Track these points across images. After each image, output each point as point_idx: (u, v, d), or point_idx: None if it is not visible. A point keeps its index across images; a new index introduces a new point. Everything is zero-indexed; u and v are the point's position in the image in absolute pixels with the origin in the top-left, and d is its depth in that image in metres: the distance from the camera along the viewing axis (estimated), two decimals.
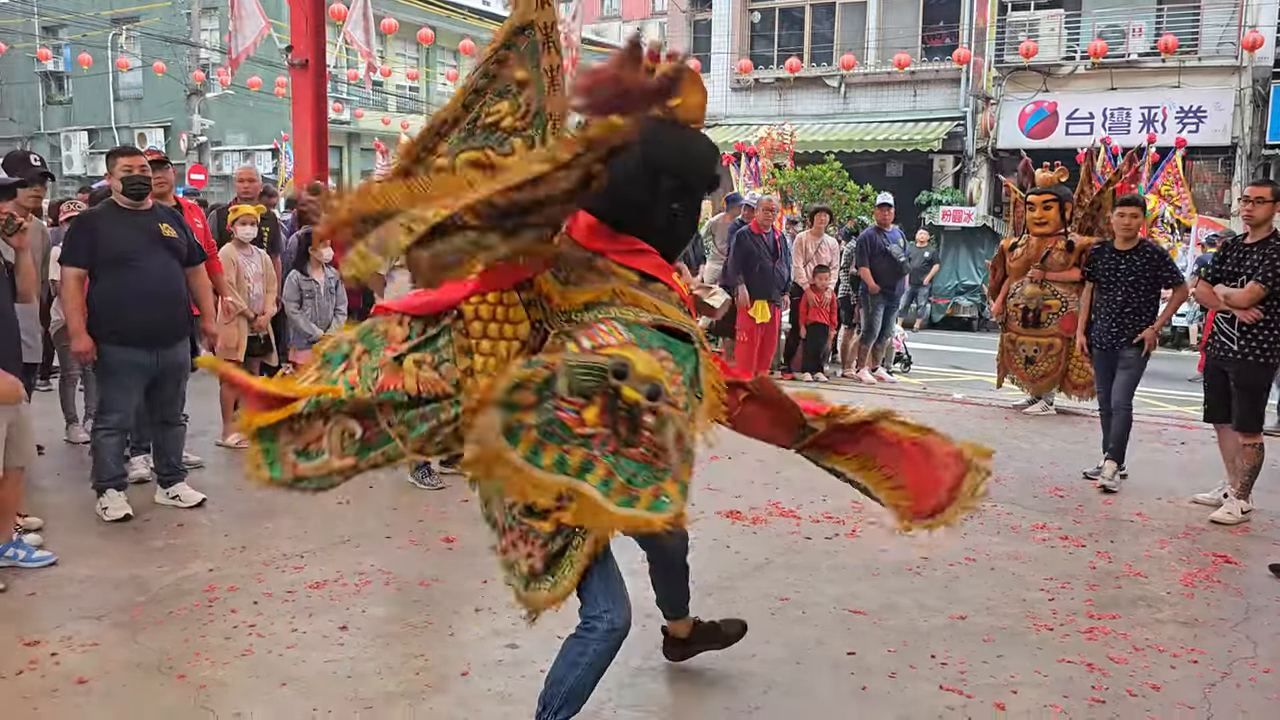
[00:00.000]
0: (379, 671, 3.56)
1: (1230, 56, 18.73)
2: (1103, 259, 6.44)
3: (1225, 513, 5.56)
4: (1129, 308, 6.27)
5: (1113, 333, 6.32)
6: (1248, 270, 5.46)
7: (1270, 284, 5.36)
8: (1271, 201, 5.54)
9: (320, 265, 7.10)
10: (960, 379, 11.29)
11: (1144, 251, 6.30)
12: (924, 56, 21.25)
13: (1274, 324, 5.43)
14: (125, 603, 4.14)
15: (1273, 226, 5.63)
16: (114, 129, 29.09)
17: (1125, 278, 6.28)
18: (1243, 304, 5.42)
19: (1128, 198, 6.63)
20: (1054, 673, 3.66)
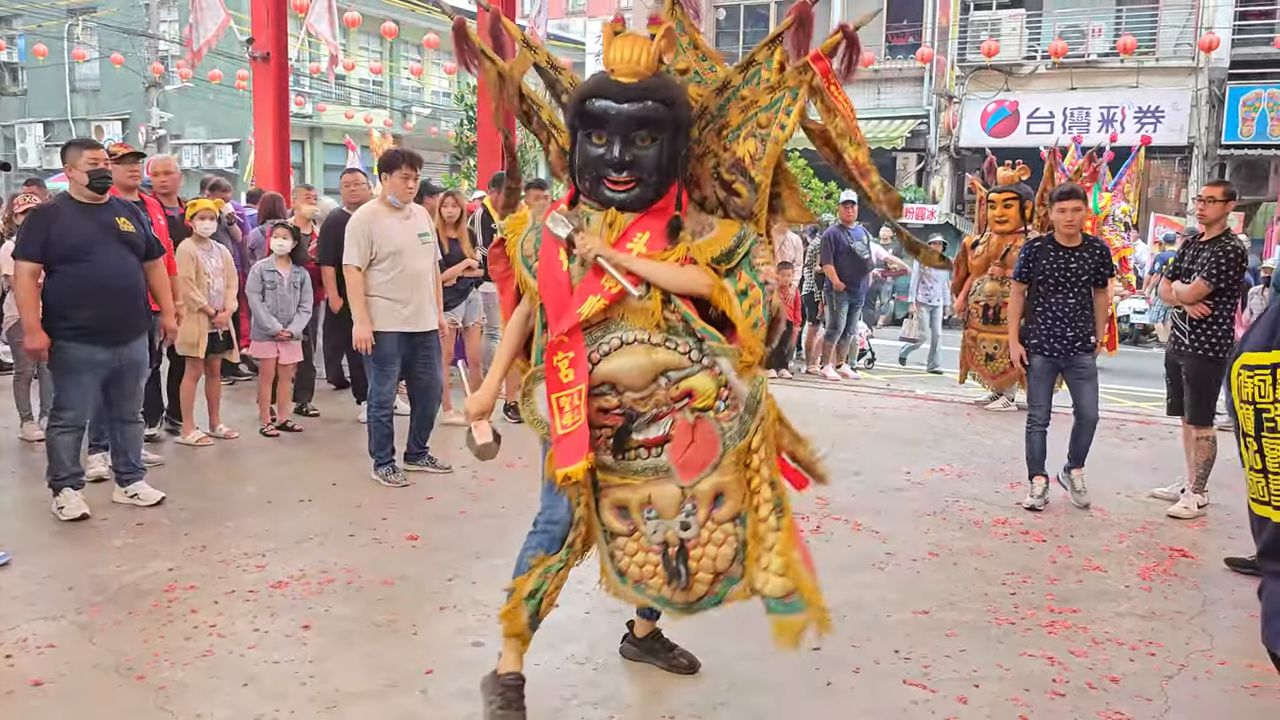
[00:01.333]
0: (342, 671, 3.52)
1: (1187, 58, 19.05)
2: (1047, 258, 5.78)
3: (1182, 507, 5.65)
4: (1082, 308, 5.73)
5: (1067, 338, 5.74)
6: (1198, 267, 5.57)
7: (1214, 280, 5.47)
8: (1223, 201, 5.65)
9: (285, 259, 7.03)
10: (923, 375, 11.38)
11: (1092, 248, 5.78)
12: (887, 55, 21.41)
13: (1223, 320, 5.54)
14: (82, 603, 4.07)
15: (1226, 225, 5.74)
16: (70, 121, 28.60)
17: (1078, 277, 5.71)
18: (1189, 300, 5.52)
19: (1066, 190, 5.92)
20: (1015, 666, 3.70)
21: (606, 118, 2.82)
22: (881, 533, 5.24)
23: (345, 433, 7.23)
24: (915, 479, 6.38)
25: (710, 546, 2.87)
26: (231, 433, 6.95)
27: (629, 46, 2.85)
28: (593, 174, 2.88)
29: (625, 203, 2.90)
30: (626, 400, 2.87)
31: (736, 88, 2.99)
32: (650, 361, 2.84)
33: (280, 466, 6.36)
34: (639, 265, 2.84)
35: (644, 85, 2.84)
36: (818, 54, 2.84)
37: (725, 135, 2.99)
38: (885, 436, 7.70)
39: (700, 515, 2.85)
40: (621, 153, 2.83)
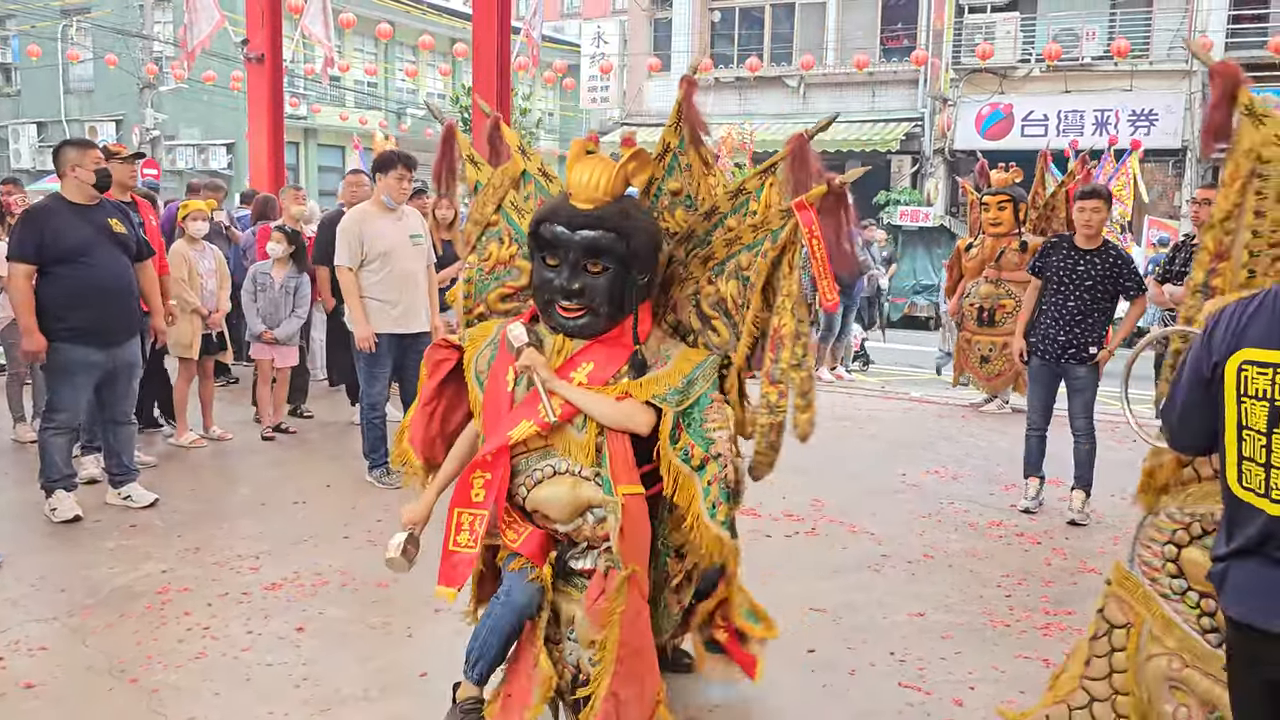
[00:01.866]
0: (336, 673, 3.51)
1: (1181, 60, 19.08)
2: (1058, 255, 5.63)
3: None
4: (1081, 315, 5.50)
5: (1060, 343, 5.56)
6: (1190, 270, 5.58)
7: None
8: None
9: (283, 262, 7.00)
10: (918, 378, 11.39)
11: (1107, 254, 5.52)
12: (882, 57, 21.42)
13: None
14: (75, 605, 4.05)
15: None
16: (64, 122, 28.52)
17: (1083, 281, 5.50)
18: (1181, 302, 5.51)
19: (1089, 189, 5.69)
20: (1010, 668, 3.70)
21: (558, 243, 2.75)
22: (877, 535, 5.24)
23: (339, 434, 7.21)
24: (910, 481, 6.38)
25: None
26: (225, 434, 6.93)
27: (591, 170, 2.76)
28: (545, 297, 2.82)
29: (574, 330, 2.82)
30: (552, 530, 2.84)
31: (724, 215, 2.90)
32: (573, 496, 2.75)
33: (274, 468, 6.35)
34: (576, 395, 2.75)
35: (598, 214, 2.74)
36: (802, 202, 2.72)
37: (710, 266, 2.91)
38: (880, 439, 7.71)
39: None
40: (570, 279, 2.75)
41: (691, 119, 2.94)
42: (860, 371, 11.63)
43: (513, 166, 3.14)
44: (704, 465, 2.67)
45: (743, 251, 2.84)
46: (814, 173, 2.78)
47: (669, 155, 2.99)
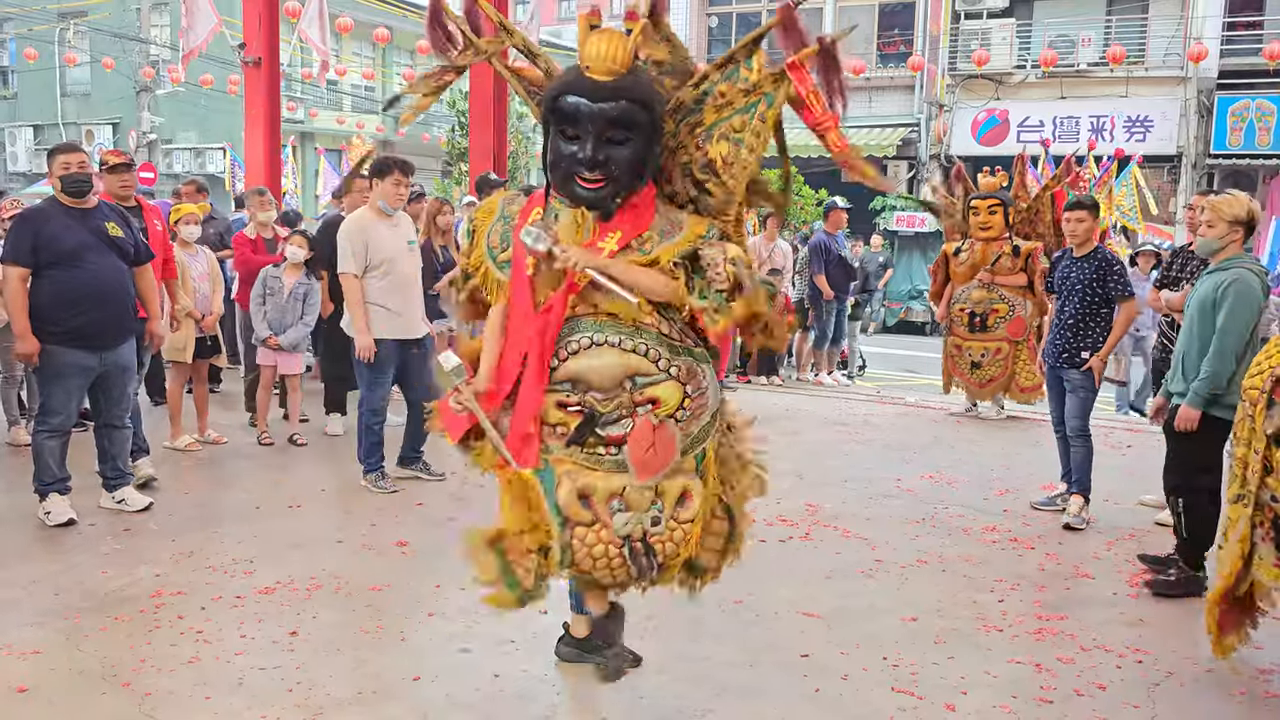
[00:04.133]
0: (330, 678, 3.51)
1: (1176, 68, 19.13)
2: (1059, 267, 5.85)
3: (1168, 516, 5.66)
4: (1074, 320, 5.64)
5: (1057, 347, 5.71)
6: (1188, 276, 5.60)
7: None
8: None
9: (297, 268, 6.95)
10: (913, 383, 11.41)
11: (1095, 258, 5.65)
12: (879, 63, 21.45)
13: None
14: (68, 609, 4.05)
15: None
16: (60, 125, 28.49)
17: (1074, 287, 5.66)
18: (1177, 308, 5.53)
19: (1074, 201, 5.87)
20: (1003, 673, 3.70)
21: (579, 115, 2.79)
22: (870, 539, 5.24)
23: (333, 440, 7.20)
24: (905, 486, 6.39)
25: (670, 544, 2.93)
26: (219, 438, 6.92)
27: (605, 43, 2.81)
28: (564, 171, 2.85)
29: (595, 201, 2.87)
30: (588, 400, 2.85)
31: (714, 83, 2.96)
32: (621, 364, 2.83)
33: (268, 472, 6.34)
34: (619, 271, 2.82)
35: (619, 84, 2.80)
36: (794, 62, 2.81)
37: (699, 133, 2.96)
38: (875, 443, 7.71)
39: (667, 512, 2.90)
40: (594, 151, 2.79)
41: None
42: (856, 377, 11.64)
43: (496, 42, 3.16)
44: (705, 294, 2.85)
45: (735, 115, 2.91)
46: (803, 38, 2.86)
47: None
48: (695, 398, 2.91)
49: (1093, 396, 5.73)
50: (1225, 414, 4.48)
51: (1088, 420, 5.71)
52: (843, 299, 10.73)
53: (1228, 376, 4.41)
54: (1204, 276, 4.67)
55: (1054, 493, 5.92)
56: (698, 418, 2.93)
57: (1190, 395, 4.49)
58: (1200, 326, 4.53)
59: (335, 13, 17.28)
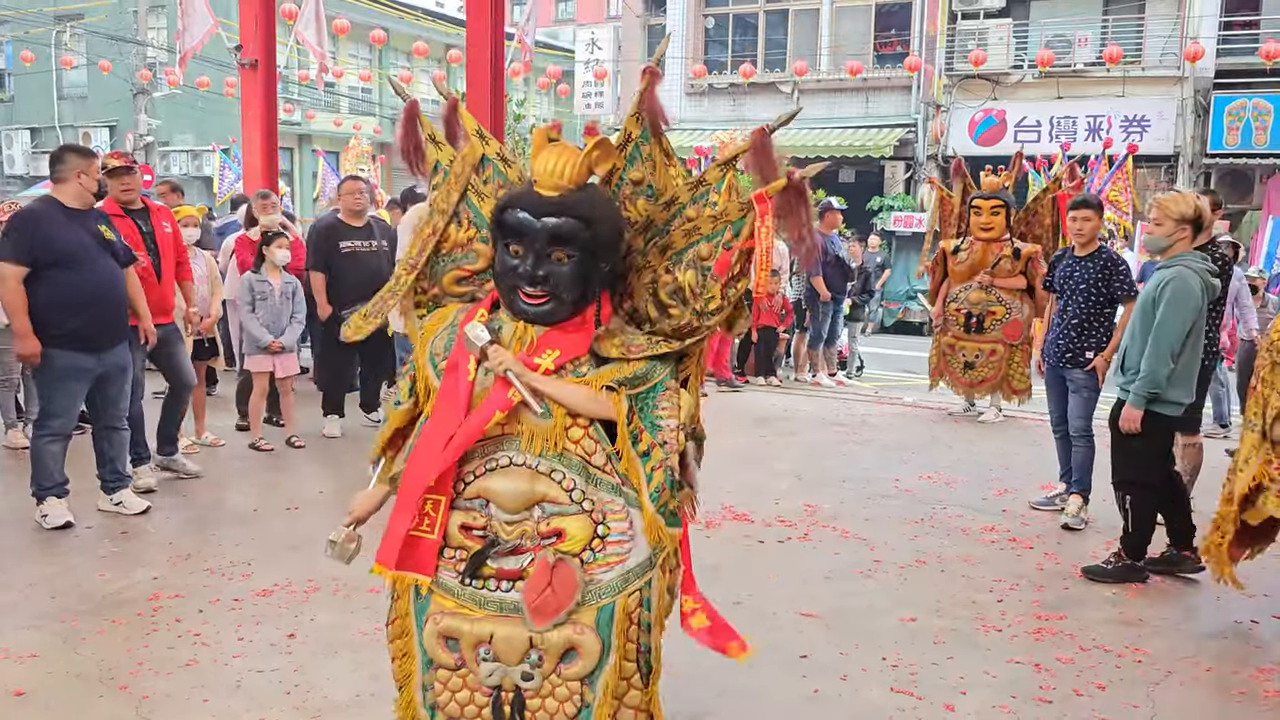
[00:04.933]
0: (327, 680, 3.51)
1: (1173, 67, 19.13)
2: (1060, 267, 5.82)
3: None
4: (1077, 320, 5.63)
5: (1059, 347, 5.69)
6: None
7: None
8: (1211, 210, 5.70)
9: (276, 268, 6.95)
10: (911, 383, 11.40)
11: (1099, 258, 5.63)
12: (875, 64, 21.46)
13: (1207, 328, 5.54)
14: (66, 612, 4.04)
15: (1212, 234, 5.77)
16: (57, 128, 28.46)
17: (1078, 287, 5.64)
18: None
19: (1079, 200, 5.82)
20: (1002, 673, 3.70)
21: (523, 230, 2.69)
22: (869, 540, 5.24)
23: (331, 442, 7.19)
24: (903, 486, 6.39)
25: (550, 701, 2.69)
26: (217, 440, 6.91)
27: (555, 158, 2.72)
28: (508, 284, 2.75)
29: (537, 317, 2.76)
30: (493, 524, 2.70)
31: (683, 206, 2.87)
32: (530, 489, 2.67)
33: (266, 475, 6.34)
34: (547, 386, 2.70)
35: (563, 200, 2.70)
36: (762, 194, 2.72)
37: (668, 256, 2.87)
38: (873, 444, 7.71)
39: (546, 667, 2.67)
40: (535, 266, 2.69)
41: (652, 110, 2.91)
42: (854, 377, 11.64)
43: (472, 151, 3.06)
44: (649, 451, 2.67)
45: (702, 242, 2.81)
46: (775, 166, 2.78)
47: (630, 144, 2.95)
48: (610, 541, 2.69)
49: (1095, 396, 5.74)
50: (1169, 410, 4.61)
51: (1090, 420, 5.70)
52: (839, 299, 10.74)
53: (1165, 375, 4.49)
54: (1152, 274, 4.75)
55: (1052, 492, 5.92)
56: (610, 565, 2.66)
57: (1131, 396, 4.57)
58: (1142, 324, 4.61)
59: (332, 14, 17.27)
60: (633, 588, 2.68)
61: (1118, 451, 4.77)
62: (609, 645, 2.66)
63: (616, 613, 2.66)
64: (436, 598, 2.72)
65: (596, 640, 2.65)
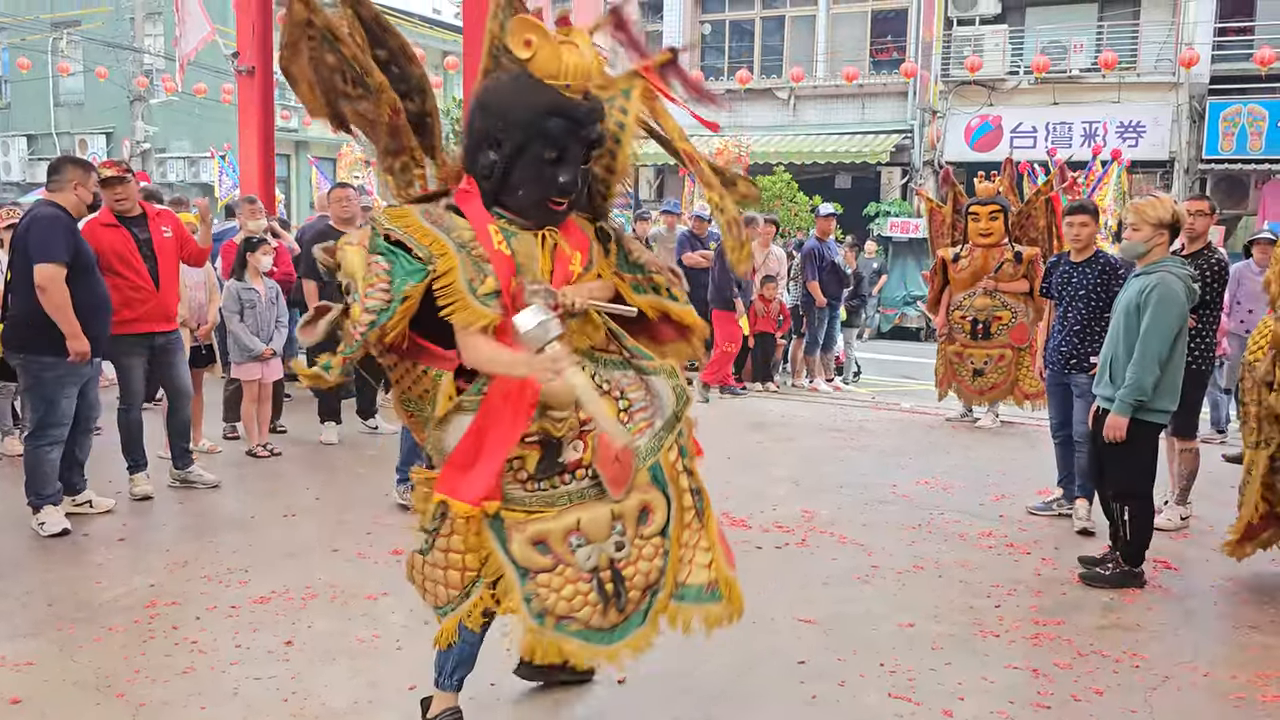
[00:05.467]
0: (325, 687, 3.50)
1: (1168, 73, 19.19)
2: (1057, 272, 5.79)
3: (1165, 519, 5.67)
4: (1079, 326, 5.58)
5: (1063, 353, 5.64)
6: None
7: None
8: (1209, 215, 5.71)
9: (259, 274, 6.95)
10: (908, 388, 11.42)
11: (1096, 264, 5.61)
12: (872, 70, 21.52)
13: (1205, 333, 5.56)
14: (62, 619, 4.03)
15: (1208, 239, 5.78)
16: (54, 135, 28.46)
17: (1077, 292, 5.60)
18: None
19: (1076, 205, 5.81)
20: (1000, 679, 3.70)
21: (569, 139, 2.66)
22: (867, 545, 5.24)
23: (327, 448, 7.19)
24: (901, 491, 6.38)
25: (641, 562, 2.86)
26: (214, 447, 6.90)
27: (579, 58, 2.64)
28: (539, 193, 2.70)
29: (556, 221, 2.79)
30: (544, 426, 2.75)
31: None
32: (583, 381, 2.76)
33: (262, 481, 6.33)
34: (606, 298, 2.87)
35: (594, 106, 2.71)
36: (647, 66, 2.83)
37: None
38: (871, 449, 7.71)
39: (630, 533, 2.83)
40: (575, 176, 2.70)
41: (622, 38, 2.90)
42: (851, 382, 11.65)
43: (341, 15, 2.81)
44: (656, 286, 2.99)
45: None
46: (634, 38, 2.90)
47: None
48: (635, 410, 2.86)
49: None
50: (1156, 418, 4.60)
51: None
52: (835, 305, 10.77)
53: (1152, 383, 4.47)
54: (1130, 280, 4.74)
55: (1049, 497, 5.92)
56: (641, 431, 2.87)
57: (1118, 404, 4.54)
58: (1126, 331, 4.59)
59: None
60: (667, 443, 2.91)
61: (1113, 462, 4.73)
62: (669, 497, 2.90)
63: (664, 467, 2.90)
64: (506, 514, 2.79)
65: (660, 494, 2.89)
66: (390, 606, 4.25)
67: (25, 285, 4.96)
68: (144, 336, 5.61)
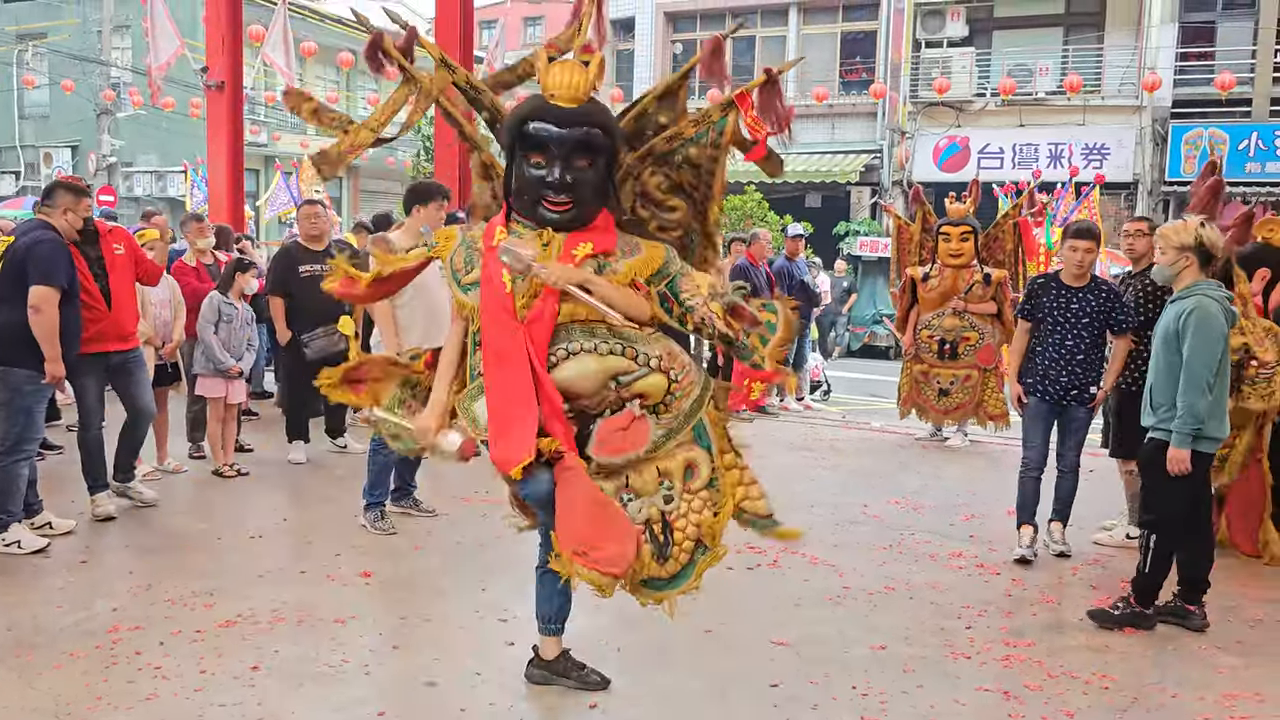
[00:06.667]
0: (292, 713, 3.44)
1: (1131, 97, 19.52)
2: (1048, 295, 5.45)
3: (1107, 535, 5.73)
4: (1080, 355, 5.34)
5: (1062, 384, 5.36)
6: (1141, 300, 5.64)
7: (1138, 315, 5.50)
8: (1149, 235, 5.75)
9: (240, 295, 6.87)
10: (878, 407, 11.46)
11: (1099, 290, 5.38)
12: (841, 90, 21.71)
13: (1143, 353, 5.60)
14: (21, 645, 3.94)
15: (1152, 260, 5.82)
16: (19, 148, 28.09)
17: (1078, 319, 5.34)
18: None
19: (1083, 229, 5.49)
20: (972, 701, 3.70)
21: (548, 141, 2.94)
22: (838, 566, 5.24)
23: (295, 468, 7.10)
24: (871, 512, 6.40)
25: (691, 515, 3.14)
26: (179, 466, 6.81)
27: (569, 72, 2.98)
28: (532, 195, 3.00)
29: (562, 223, 3.02)
30: (577, 406, 3.02)
31: (651, 113, 3.19)
32: (602, 369, 2.99)
33: (230, 502, 6.24)
34: (598, 285, 2.97)
35: (584, 110, 2.97)
36: (743, 92, 3.05)
37: (649, 160, 3.17)
38: (841, 469, 7.73)
39: (678, 487, 3.11)
40: (562, 175, 2.95)
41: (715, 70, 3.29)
42: (820, 401, 11.68)
43: (440, 79, 3.28)
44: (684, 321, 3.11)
45: (690, 145, 3.16)
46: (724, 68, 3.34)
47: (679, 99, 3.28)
48: (681, 379, 3.10)
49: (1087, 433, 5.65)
50: (1206, 447, 4.43)
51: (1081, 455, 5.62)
52: (805, 325, 10.81)
53: (1205, 408, 4.31)
54: (1167, 305, 4.62)
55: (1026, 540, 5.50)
56: (689, 394, 3.14)
57: (1176, 436, 4.34)
58: (1166, 358, 4.44)
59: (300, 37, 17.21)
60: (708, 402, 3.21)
61: (1149, 491, 4.56)
62: (713, 449, 3.18)
63: (708, 424, 3.20)
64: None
65: (704, 452, 3.17)
66: (359, 630, 4.20)
67: (15, 299, 4.99)
68: (98, 356, 5.52)
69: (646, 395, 3.04)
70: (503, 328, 2.98)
